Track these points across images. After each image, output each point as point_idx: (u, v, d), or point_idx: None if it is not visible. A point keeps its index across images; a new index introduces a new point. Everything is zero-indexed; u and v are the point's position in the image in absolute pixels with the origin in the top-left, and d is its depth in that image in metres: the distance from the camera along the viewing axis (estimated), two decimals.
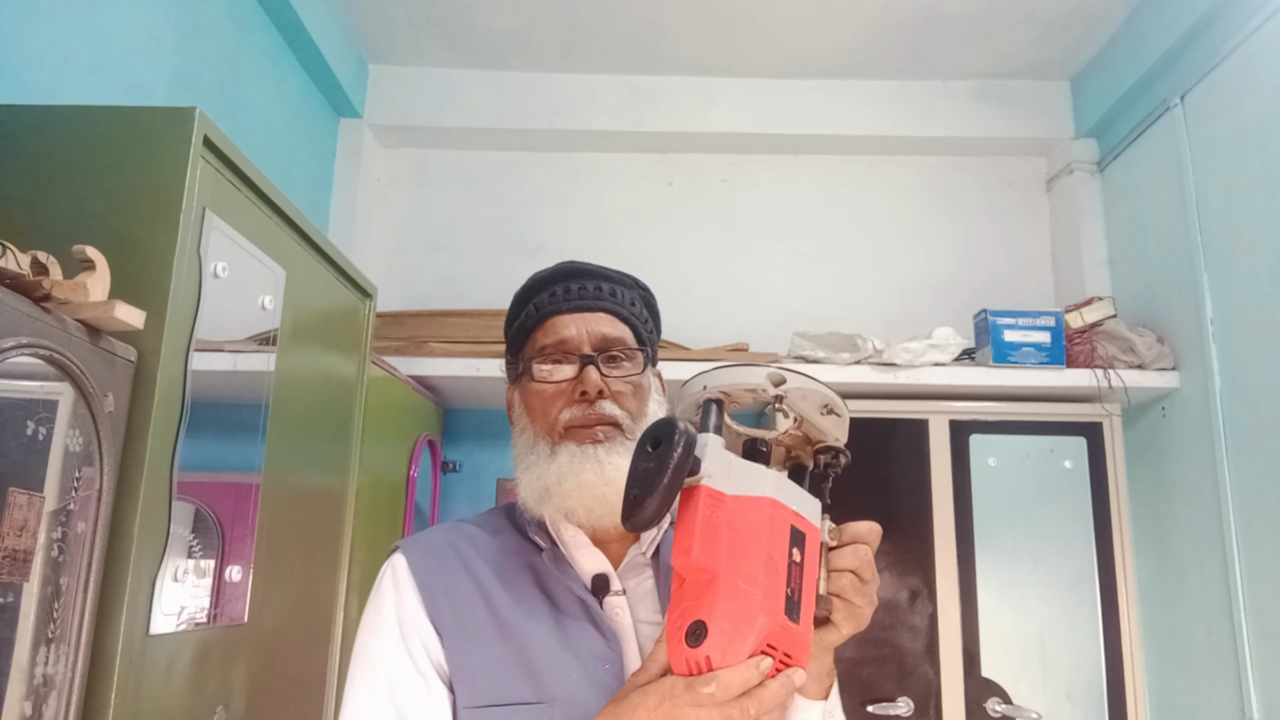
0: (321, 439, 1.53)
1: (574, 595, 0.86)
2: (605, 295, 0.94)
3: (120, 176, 1.02)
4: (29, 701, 0.81)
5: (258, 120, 2.05)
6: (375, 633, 0.84)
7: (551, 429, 0.88)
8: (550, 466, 0.86)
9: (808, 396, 0.74)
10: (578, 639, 0.83)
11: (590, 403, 0.87)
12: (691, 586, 0.66)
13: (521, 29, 2.46)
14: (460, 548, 0.90)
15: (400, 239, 2.68)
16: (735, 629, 0.62)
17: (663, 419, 0.68)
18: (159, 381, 0.98)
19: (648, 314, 0.99)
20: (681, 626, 0.64)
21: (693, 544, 0.65)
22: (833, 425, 0.75)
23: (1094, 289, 2.46)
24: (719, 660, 0.62)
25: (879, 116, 2.65)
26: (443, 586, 0.86)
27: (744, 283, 2.65)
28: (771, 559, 0.65)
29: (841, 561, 0.72)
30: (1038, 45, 2.47)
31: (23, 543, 0.80)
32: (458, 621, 0.84)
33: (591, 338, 0.90)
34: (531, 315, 0.94)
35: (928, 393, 2.22)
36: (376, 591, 0.88)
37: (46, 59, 1.32)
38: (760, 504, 0.67)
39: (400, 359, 2.13)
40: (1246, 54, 1.93)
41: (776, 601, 0.64)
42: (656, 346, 1.00)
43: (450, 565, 0.88)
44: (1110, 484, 2.18)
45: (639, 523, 0.65)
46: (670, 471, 0.64)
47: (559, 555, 0.89)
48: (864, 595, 0.73)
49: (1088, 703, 2.07)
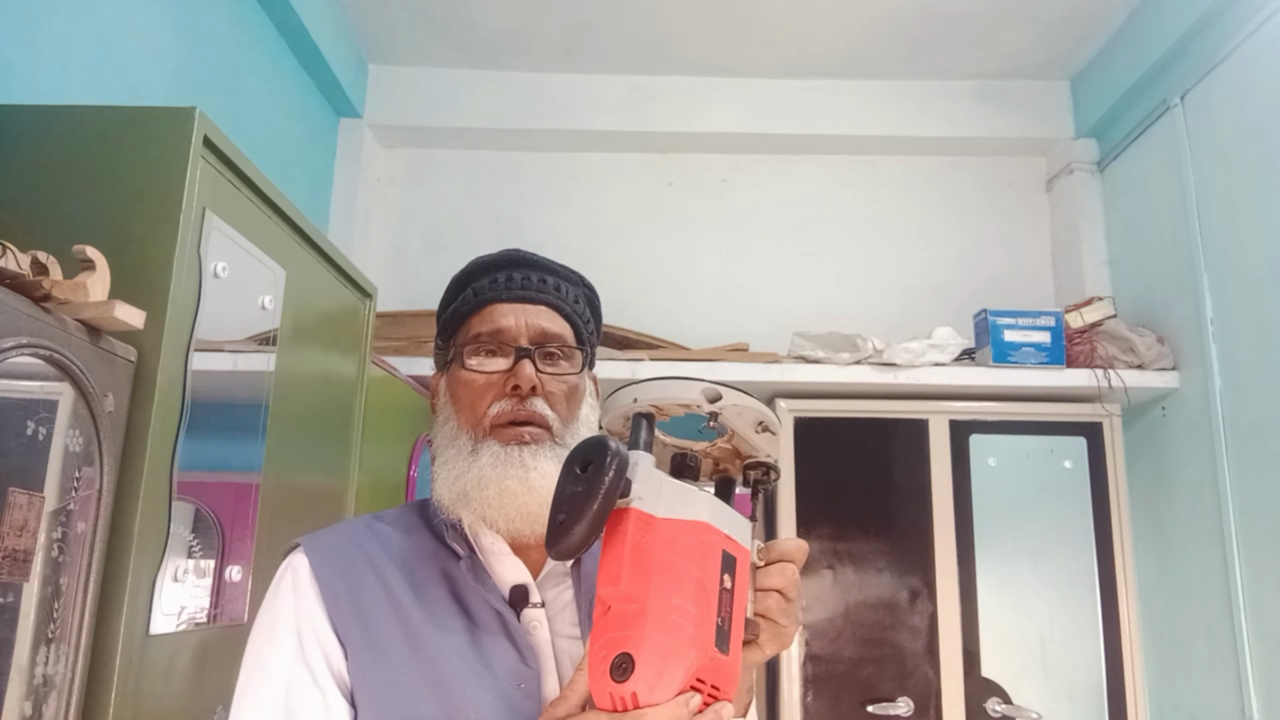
0: (321, 439, 1.53)
1: (490, 608, 0.80)
2: (549, 288, 0.88)
3: (120, 176, 1.02)
4: (29, 701, 0.81)
5: (258, 120, 2.05)
6: (271, 640, 0.77)
7: (477, 423, 0.83)
8: (471, 467, 0.81)
9: (743, 414, 0.70)
10: (493, 655, 0.77)
11: (521, 398, 0.82)
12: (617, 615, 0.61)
13: (521, 29, 2.46)
14: (369, 549, 0.82)
15: (400, 239, 2.68)
16: (664, 664, 0.59)
17: (593, 437, 0.64)
18: (159, 381, 0.98)
19: (590, 313, 0.93)
20: (606, 658, 0.60)
21: (621, 572, 0.61)
22: (766, 442, 0.72)
23: (1094, 289, 2.46)
24: (646, 696, 0.58)
25: (879, 116, 2.65)
26: (348, 592, 0.78)
27: (744, 283, 2.65)
28: (703, 587, 0.62)
29: (769, 581, 0.69)
30: (1038, 45, 2.47)
31: (23, 543, 0.80)
32: (364, 631, 0.77)
33: (530, 330, 0.85)
34: (468, 300, 0.88)
35: (928, 393, 2.22)
36: (274, 593, 0.80)
37: (47, 59, 1.32)
38: (693, 528, 0.64)
39: (400, 359, 2.13)
40: (1246, 54, 1.93)
41: (707, 633, 0.61)
42: (595, 348, 0.95)
43: (357, 568, 0.80)
44: (1110, 484, 2.18)
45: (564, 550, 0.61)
46: (600, 497, 0.60)
47: (477, 563, 0.82)
48: (789, 615, 0.70)
49: (1088, 703, 2.07)
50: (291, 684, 0.75)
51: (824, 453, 2.17)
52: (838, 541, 2.11)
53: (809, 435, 2.19)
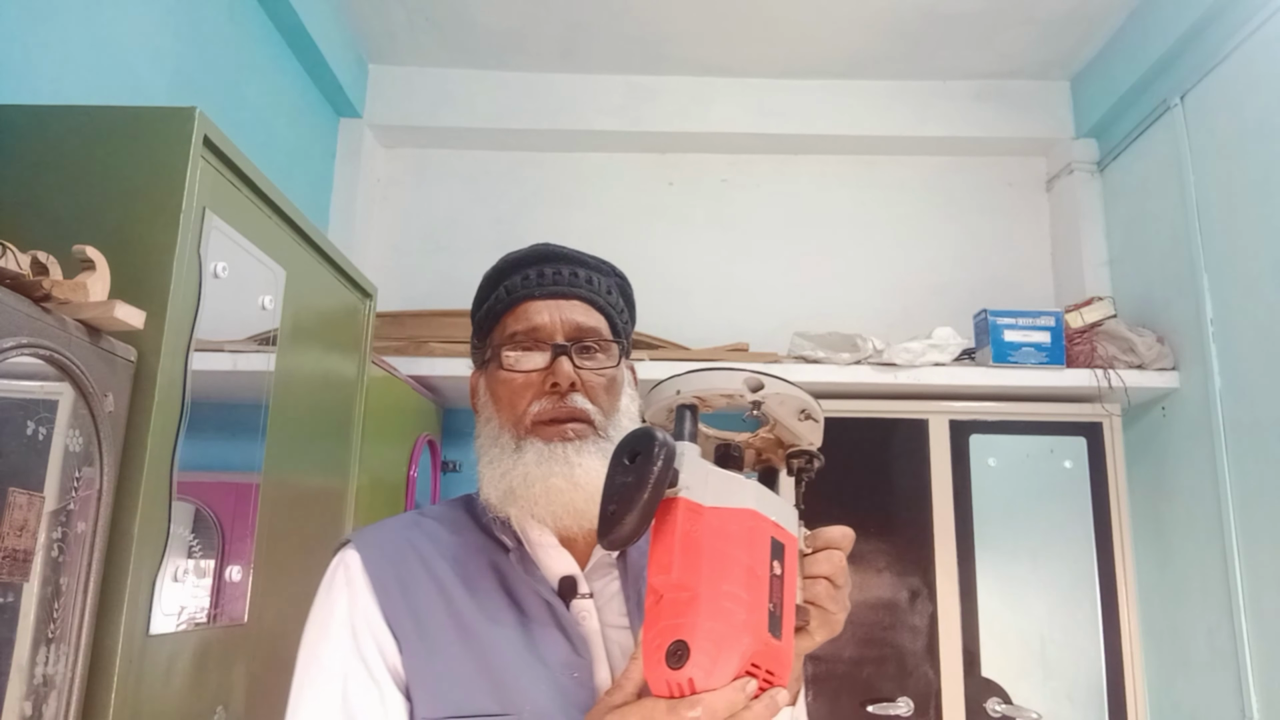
0: (321, 439, 1.53)
1: (540, 599, 0.81)
2: (581, 282, 0.88)
3: (120, 176, 1.02)
4: (29, 701, 0.81)
5: (258, 120, 2.05)
6: (325, 635, 0.78)
7: (519, 422, 0.83)
8: (516, 465, 0.81)
9: (785, 402, 0.71)
10: (545, 646, 0.78)
11: (561, 395, 0.82)
12: (670, 604, 0.62)
13: (521, 29, 2.46)
14: (419, 544, 0.83)
15: (400, 239, 2.68)
16: (719, 650, 0.59)
17: (640, 429, 0.65)
18: (159, 381, 0.98)
19: (624, 303, 0.94)
20: (661, 646, 0.61)
21: (673, 561, 0.62)
22: (808, 430, 0.73)
23: (1094, 289, 2.46)
24: (703, 682, 0.59)
25: (879, 116, 2.65)
26: (400, 587, 0.80)
27: (744, 283, 2.65)
28: (754, 573, 0.62)
29: (816, 568, 0.70)
30: (1038, 45, 2.47)
31: (23, 543, 0.80)
32: (417, 625, 0.78)
33: (565, 326, 0.85)
34: (502, 299, 0.88)
35: (928, 393, 2.22)
36: (327, 589, 0.81)
37: (47, 59, 1.32)
38: (741, 516, 0.64)
39: (400, 359, 2.13)
40: (1246, 54, 1.93)
41: (760, 619, 0.61)
42: (631, 338, 0.95)
43: (409, 563, 0.81)
44: (1110, 484, 2.18)
45: (616, 540, 0.61)
46: (650, 486, 0.61)
47: (525, 555, 0.84)
48: (838, 601, 0.70)
49: (1088, 703, 2.07)
50: (348, 679, 0.75)
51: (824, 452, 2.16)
52: None
53: None
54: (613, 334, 0.88)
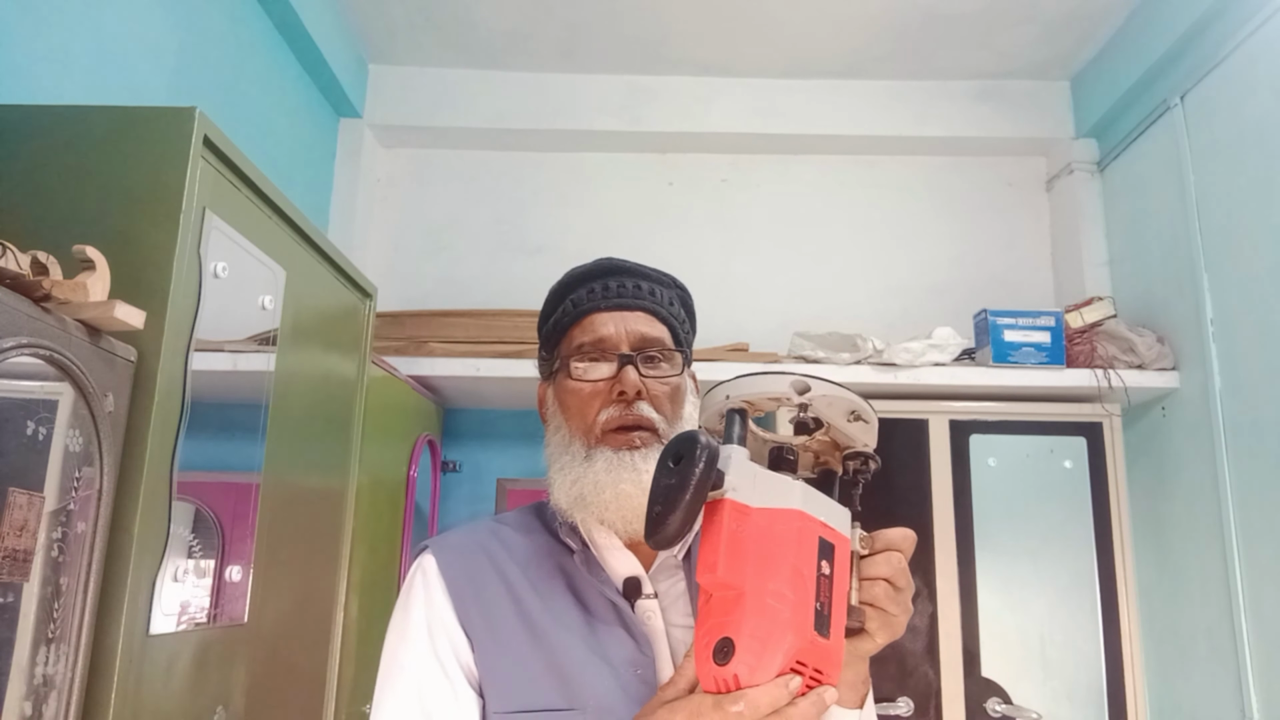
0: (321, 439, 1.53)
1: (605, 599, 0.85)
2: (644, 294, 0.92)
3: (120, 176, 1.02)
4: (29, 701, 0.81)
5: (258, 120, 2.05)
6: (403, 637, 0.84)
7: (589, 430, 0.87)
8: (587, 473, 0.85)
9: (834, 404, 0.73)
10: (609, 644, 0.82)
11: (628, 404, 0.86)
12: (719, 602, 0.65)
13: (521, 29, 2.46)
14: (490, 548, 0.89)
15: (400, 239, 2.68)
16: (763, 647, 0.61)
17: (684, 432, 0.67)
18: (159, 381, 0.98)
19: (685, 314, 0.98)
20: (709, 643, 0.63)
21: (718, 560, 0.64)
22: (860, 431, 0.74)
23: (1094, 289, 2.46)
24: (747, 678, 0.61)
25: (879, 116, 2.65)
26: (473, 589, 0.85)
27: (744, 283, 2.65)
28: (799, 573, 0.64)
29: (874, 570, 0.71)
30: (1038, 45, 2.47)
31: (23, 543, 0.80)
32: (488, 625, 0.83)
33: (630, 337, 0.89)
34: (569, 312, 0.92)
35: (928, 393, 2.22)
36: (406, 593, 0.87)
37: (47, 59, 1.32)
38: (787, 516, 0.66)
39: (400, 359, 2.13)
40: (1246, 54, 1.93)
41: (805, 617, 0.63)
42: (692, 347, 1.00)
43: (481, 567, 0.87)
44: (1110, 484, 2.18)
45: (662, 540, 0.63)
46: (693, 487, 0.63)
47: (590, 558, 0.88)
48: (899, 603, 0.71)
49: (1088, 703, 2.07)
50: (424, 677, 0.81)
51: None
52: None
53: None
54: (675, 344, 0.93)
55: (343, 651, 1.56)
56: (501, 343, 2.20)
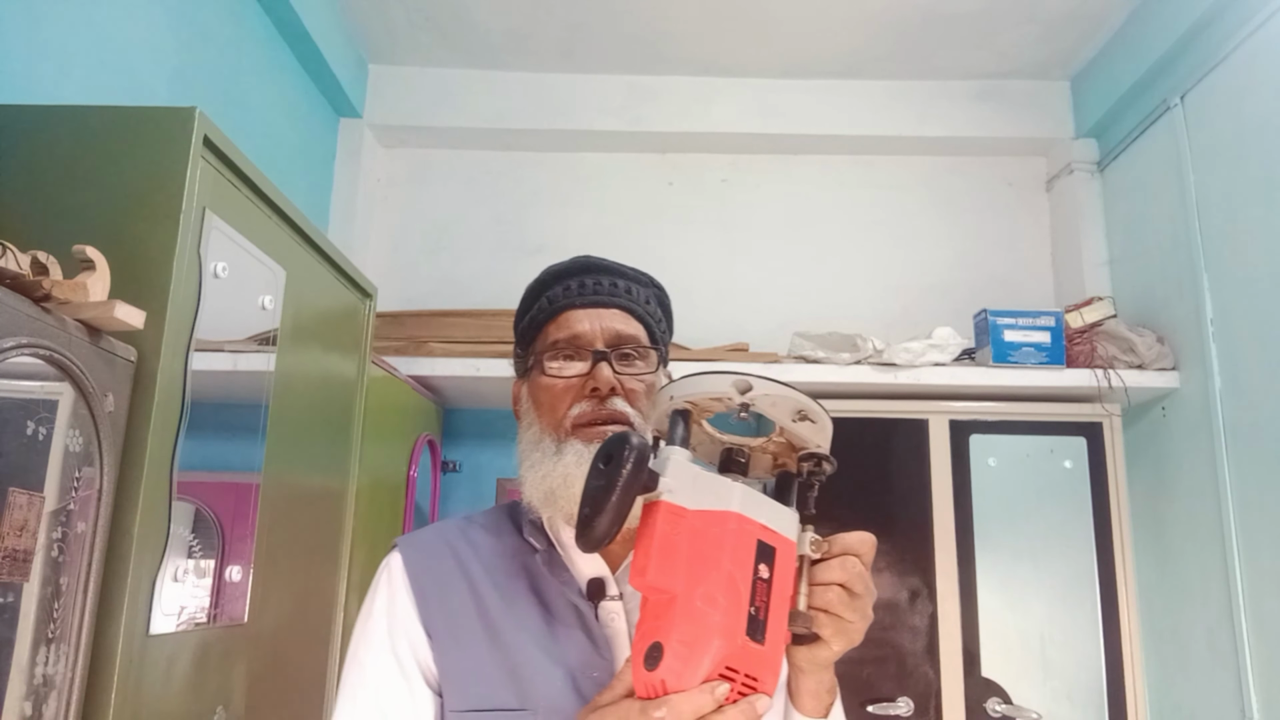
0: (321, 439, 1.53)
1: (568, 600, 0.84)
2: (620, 292, 0.92)
3: (120, 176, 1.02)
4: (29, 701, 0.81)
5: (258, 120, 2.05)
6: (364, 635, 0.85)
7: (559, 425, 0.87)
8: (556, 466, 0.84)
9: (778, 403, 0.70)
10: (567, 646, 0.82)
11: (602, 399, 0.86)
12: (652, 607, 0.64)
13: (521, 29, 2.46)
14: (457, 547, 0.88)
15: (400, 239, 2.68)
16: (690, 652, 0.60)
17: (616, 434, 0.65)
18: (159, 381, 0.98)
19: (661, 313, 0.97)
20: (642, 648, 0.62)
21: (649, 563, 0.62)
22: (810, 432, 0.71)
23: (1094, 289, 2.46)
24: (673, 684, 0.60)
25: (879, 116, 2.64)
26: (436, 587, 0.85)
27: (744, 283, 2.65)
28: (732, 576, 0.62)
29: (828, 575, 0.69)
30: (1038, 45, 2.47)
31: (23, 543, 0.80)
32: (448, 624, 0.83)
33: (605, 334, 0.89)
34: (544, 309, 0.92)
35: (928, 393, 2.22)
36: (373, 590, 0.87)
37: (46, 59, 1.32)
38: (723, 518, 0.64)
39: (400, 359, 2.13)
40: (1246, 54, 1.93)
41: (737, 622, 0.61)
42: (669, 346, 0.99)
43: (445, 566, 0.87)
44: (1110, 484, 2.18)
45: (590, 542, 0.62)
46: (619, 488, 0.61)
47: (555, 558, 0.87)
48: (855, 610, 0.68)
49: (1088, 703, 2.07)
50: (381, 675, 0.82)
51: None
52: None
53: None
54: (650, 341, 0.92)
55: (343, 651, 1.56)
56: (501, 343, 2.20)
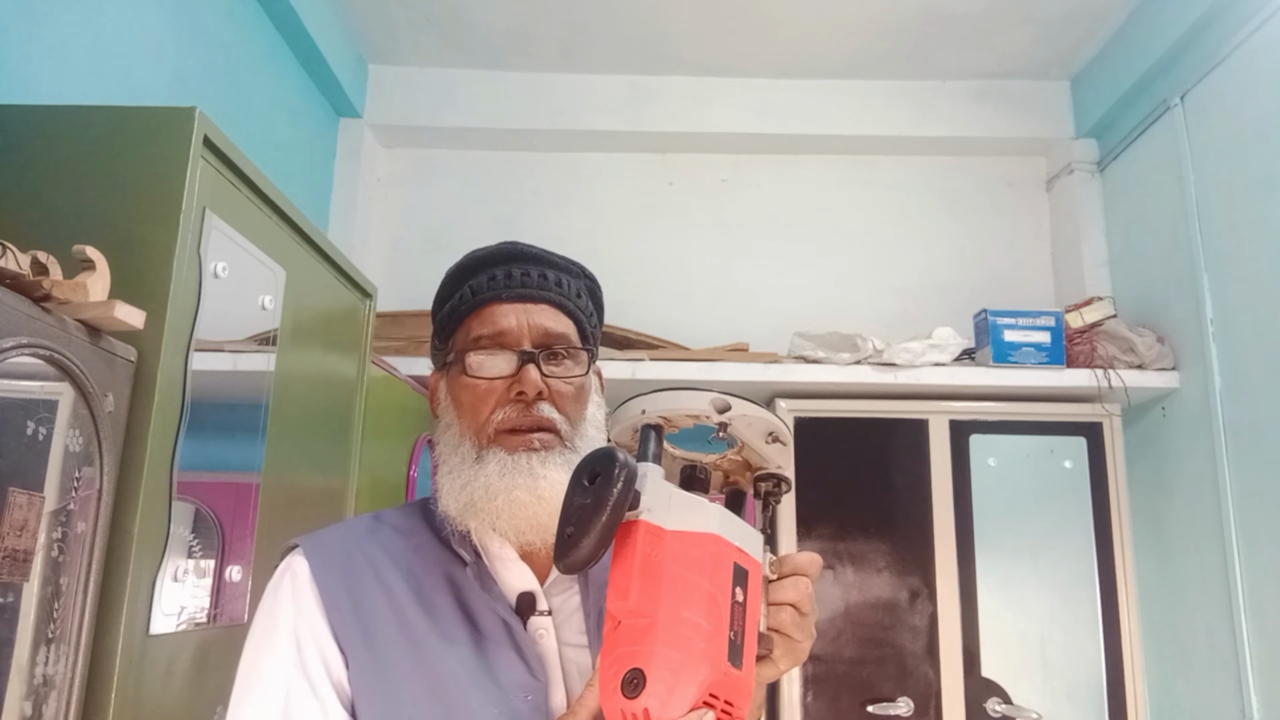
0: (321, 439, 1.53)
1: (497, 616, 0.77)
2: (550, 284, 0.84)
3: (120, 176, 1.02)
4: (29, 701, 0.81)
5: (258, 120, 2.05)
6: (268, 645, 0.74)
7: (481, 430, 0.79)
8: (478, 476, 0.78)
9: (753, 424, 0.69)
10: (499, 665, 0.75)
11: (528, 404, 0.78)
12: (628, 630, 0.60)
13: (521, 29, 2.46)
14: (371, 552, 0.79)
15: (400, 239, 2.68)
16: (676, 679, 0.57)
17: (601, 449, 0.62)
18: (159, 381, 0.98)
19: (593, 307, 0.89)
20: (617, 674, 0.59)
21: (631, 586, 0.60)
22: (776, 453, 0.70)
23: (1094, 289, 2.46)
24: (659, 713, 0.57)
25: (879, 116, 2.64)
26: (350, 598, 0.76)
27: (744, 283, 2.65)
28: (714, 600, 0.60)
29: (782, 595, 0.67)
30: (1038, 45, 2.47)
31: (23, 543, 0.80)
32: (365, 639, 0.74)
33: (533, 332, 0.81)
34: (466, 299, 0.84)
35: (928, 393, 2.22)
36: (273, 596, 0.77)
37: (46, 59, 1.32)
38: (703, 540, 0.62)
39: (400, 359, 2.13)
40: (1246, 54, 1.93)
41: (720, 647, 0.59)
42: (599, 341, 0.91)
43: (359, 573, 0.77)
44: (1110, 484, 2.18)
45: (574, 564, 0.59)
46: (609, 509, 0.58)
47: (483, 570, 0.80)
48: (803, 629, 0.67)
49: (1088, 703, 2.07)
50: (290, 693, 0.72)
51: (824, 453, 2.17)
52: (838, 541, 2.11)
53: (809, 435, 2.19)
54: (581, 340, 0.85)
55: None
56: None
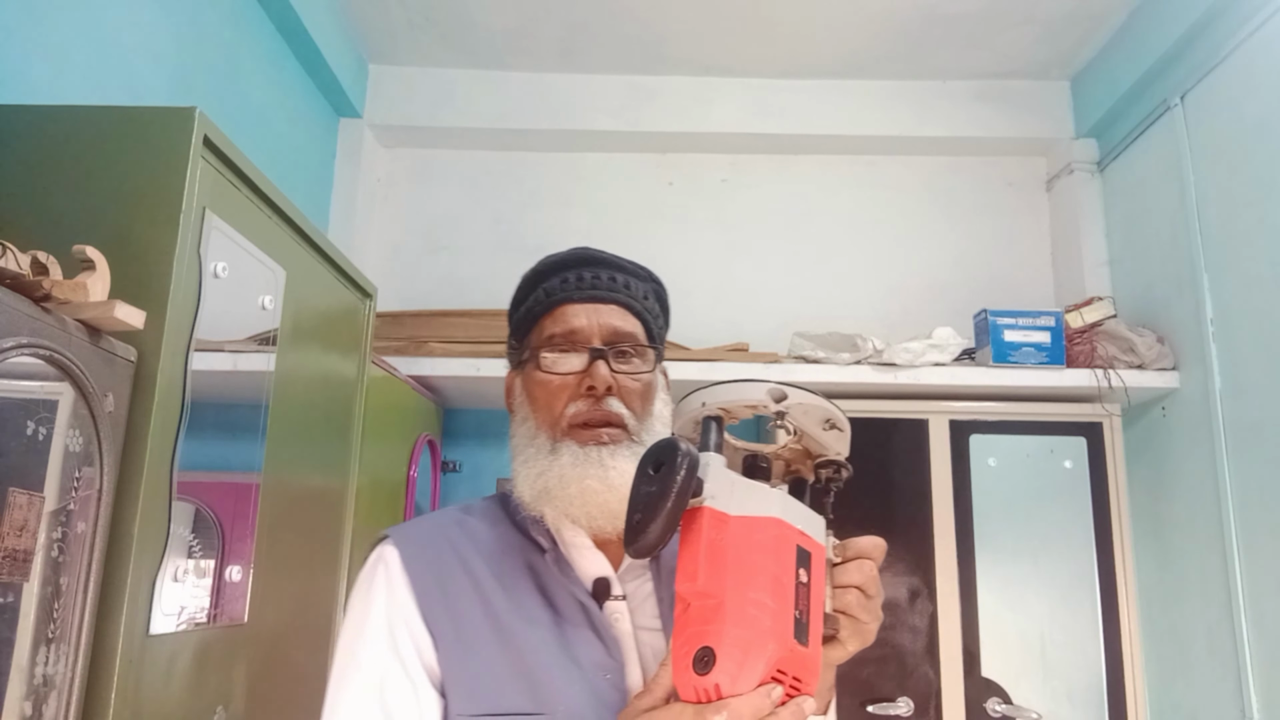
0: (321, 439, 1.53)
1: (575, 600, 0.82)
2: (619, 286, 0.90)
3: (120, 176, 1.02)
4: (29, 701, 0.81)
5: (258, 120, 2.05)
6: (362, 632, 0.80)
7: (555, 423, 0.85)
8: (552, 466, 0.83)
9: (810, 412, 0.72)
10: (579, 646, 0.80)
11: (597, 399, 0.84)
12: (698, 611, 0.64)
13: (521, 29, 2.46)
14: (456, 541, 0.85)
15: (400, 239, 2.68)
16: (745, 656, 0.61)
17: (664, 439, 0.66)
18: (159, 381, 0.98)
19: (659, 308, 0.95)
20: (689, 652, 0.62)
21: (698, 569, 0.64)
22: (834, 440, 0.73)
23: (1094, 289, 2.46)
24: (729, 688, 0.60)
25: (879, 116, 2.64)
26: (438, 584, 0.81)
27: (744, 283, 2.65)
28: (779, 581, 0.64)
29: (846, 578, 0.71)
30: (1038, 45, 2.47)
31: (23, 543, 0.80)
32: (453, 623, 0.79)
33: (602, 330, 0.87)
34: (540, 301, 0.90)
35: (928, 393, 2.22)
36: (366, 584, 0.82)
37: (46, 59, 1.32)
38: (765, 524, 0.65)
39: (400, 359, 2.13)
40: (1246, 54, 1.93)
41: (785, 625, 0.62)
42: (665, 342, 0.97)
43: (446, 561, 0.83)
44: (1110, 484, 2.18)
45: (642, 548, 0.62)
46: (674, 495, 0.62)
47: (560, 556, 0.85)
48: (869, 611, 0.71)
49: (1088, 703, 2.07)
50: (385, 676, 0.77)
51: None
52: None
53: None
54: (648, 339, 0.90)
55: None
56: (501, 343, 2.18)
